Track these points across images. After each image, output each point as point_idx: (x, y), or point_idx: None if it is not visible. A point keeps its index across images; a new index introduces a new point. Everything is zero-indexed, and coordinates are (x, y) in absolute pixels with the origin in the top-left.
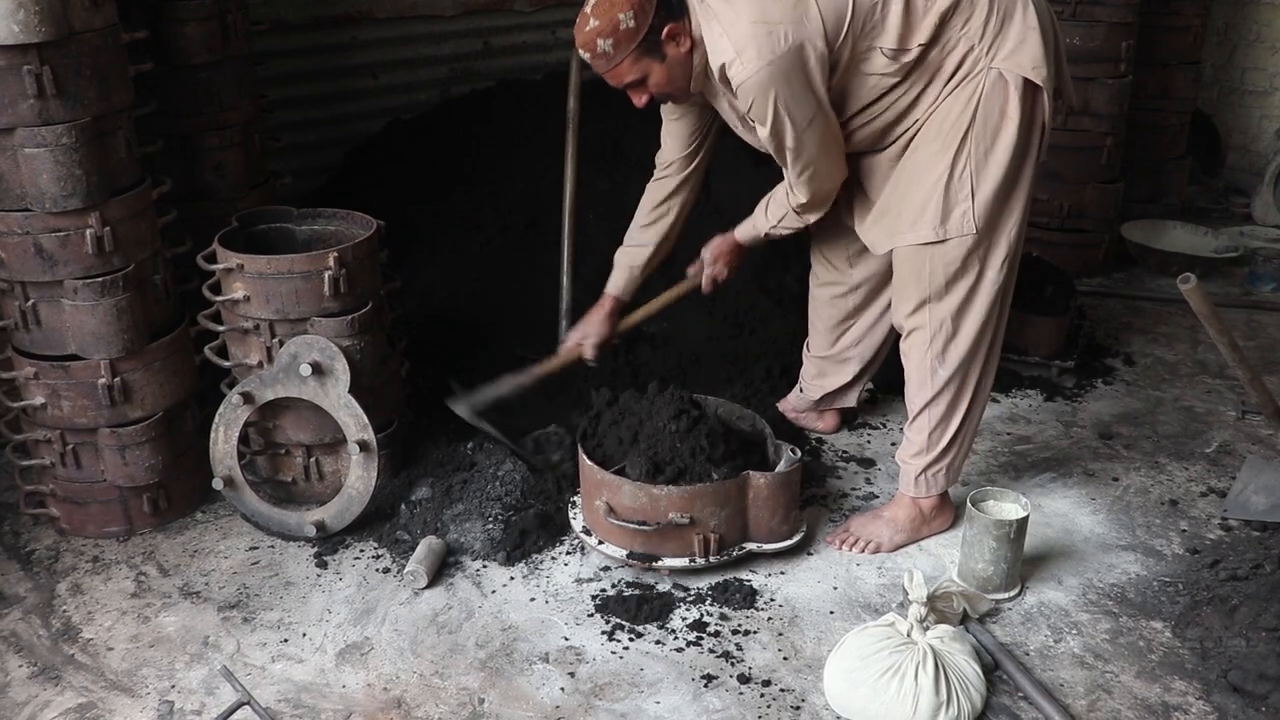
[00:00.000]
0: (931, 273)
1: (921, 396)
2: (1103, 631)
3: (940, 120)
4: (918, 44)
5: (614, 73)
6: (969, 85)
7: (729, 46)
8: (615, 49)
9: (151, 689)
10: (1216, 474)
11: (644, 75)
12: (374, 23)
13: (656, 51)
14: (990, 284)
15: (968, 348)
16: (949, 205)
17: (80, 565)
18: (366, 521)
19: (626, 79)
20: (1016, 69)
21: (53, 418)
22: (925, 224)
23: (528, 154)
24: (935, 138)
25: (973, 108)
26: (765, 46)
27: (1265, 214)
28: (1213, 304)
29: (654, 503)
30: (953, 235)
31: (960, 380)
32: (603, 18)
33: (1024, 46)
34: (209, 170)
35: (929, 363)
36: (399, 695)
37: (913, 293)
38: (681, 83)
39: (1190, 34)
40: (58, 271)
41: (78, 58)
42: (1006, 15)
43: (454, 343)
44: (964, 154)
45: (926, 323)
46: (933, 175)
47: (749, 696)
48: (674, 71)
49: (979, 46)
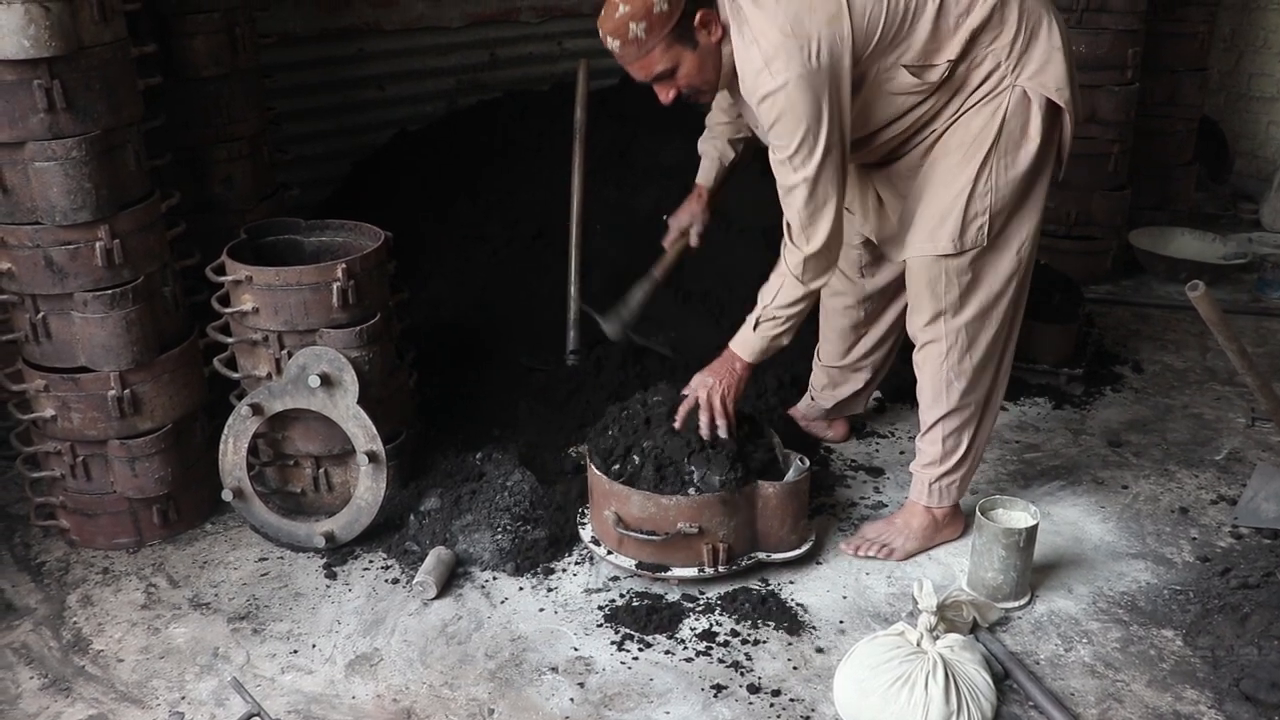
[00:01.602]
0: (947, 285)
1: (937, 409)
2: (1113, 640)
3: (962, 133)
4: (946, 60)
5: (644, 62)
6: (993, 101)
7: (758, 55)
8: (648, 33)
9: (162, 700)
10: (1227, 481)
11: (675, 65)
12: (381, 35)
13: (689, 39)
14: (1005, 297)
15: (982, 360)
16: (968, 219)
17: (90, 577)
18: (375, 532)
19: (656, 68)
20: (1040, 89)
21: (63, 430)
22: (944, 236)
23: (535, 164)
24: (957, 149)
25: (997, 124)
26: (796, 59)
27: (1273, 220)
28: (1221, 311)
29: (663, 512)
30: (969, 248)
31: (975, 392)
32: (635, 2)
33: (1049, 66)
34: (217, 182)
35: (944, 376)
36: (409, 706)
37: (928, 304)
38: (711, 75)
39: (1197, 41)
40: (67, 284)
41: (87, 72)
42: (1033, 33)
43: (462, 353)
44: (987, 169)
45: (942, 335)
46: (954, 188)
47: (759, 706)
48: (705, 62)
49: (1005, 63)
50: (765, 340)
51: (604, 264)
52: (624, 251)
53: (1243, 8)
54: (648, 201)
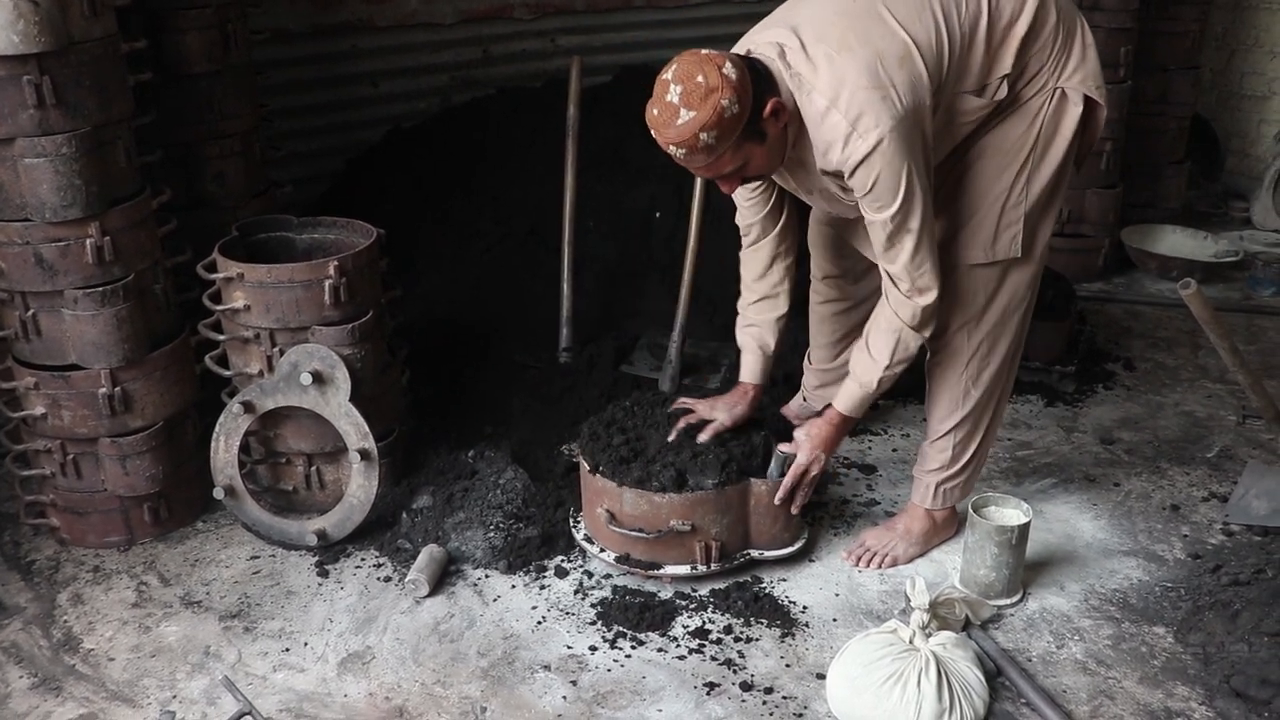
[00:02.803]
0: (974, 294)
1: (952, 416)
2: (1105, 637)
3: (1000, 139)
4: (1001, 74)
5: (713, 165)
6: (1033, 104)
7: (840, 120)
8: (719, 140)
9: (153, 699)
10: (1218, 479)
11: (745, 162)
12: (374, 31)
13: (758, 134)
14: (1024, 303)
15: (999, 367)
16: (1001, 227)
17: (81, 575)
18: (368, 530)
19: (725, 170)
20: (1080, 86)
21: (53, 428)
22: (977, 245)
23: (528, 161)
24: (994, 156)
25: (1037, 129)
26: (885, 112)
27: (1264, 218)
28: (1213, 308)
29: (655, 510)
30: (1000, 258)
31: (988, 398)
32: (701, 107)
33: (1085, 64)
34: (209, 179)
35: (963, 385)
36: (401, 704)
37: (953, 313)
38: (778, 161)
39: (1189, 39)
40: (58, 281)
41: (77, 68)
42: (1070, 32)
43: (455, 350)
44: (1022, 176)
45: (965, 345)
46: (990, 195)
47: (751, 704)
48: (774, 151)
49: (1048, 66)
50: (877, 395)
51: (597, 261)
52: (617, 249)
53: (1235, 6)
54: (641, 199)
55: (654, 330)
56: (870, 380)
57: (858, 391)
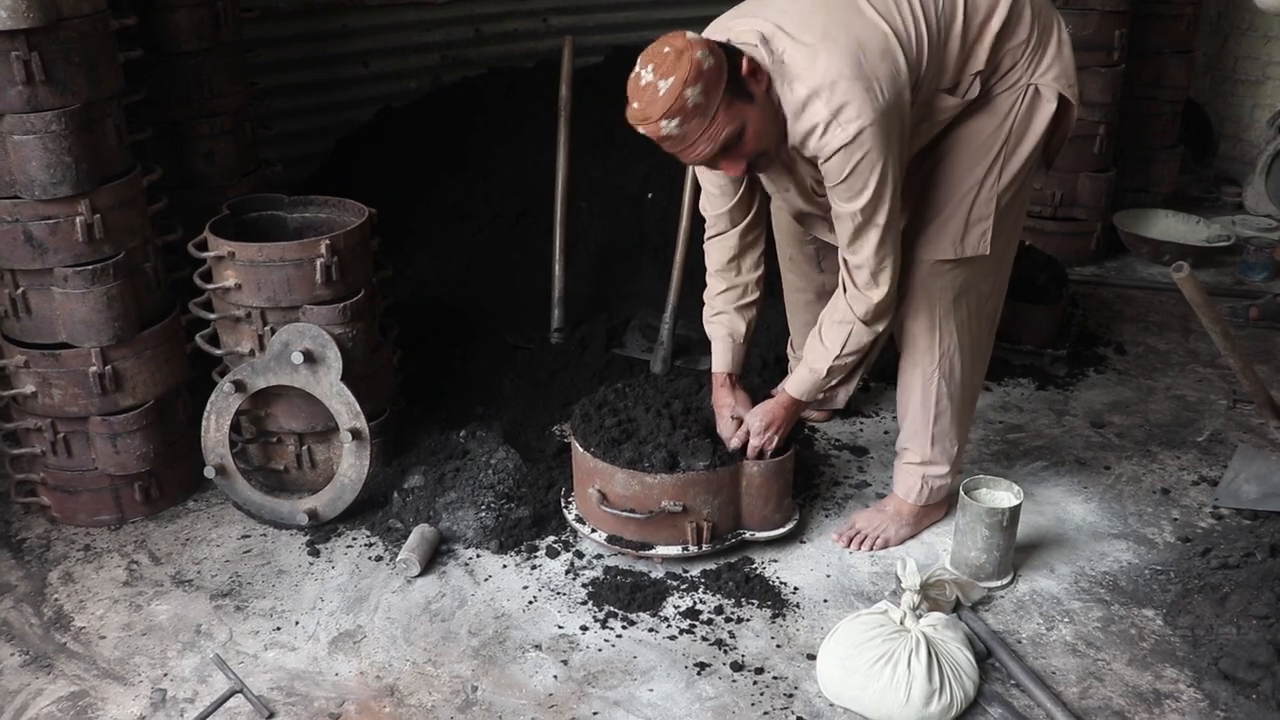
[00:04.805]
0: (941, 289)
1: (925, 411)
2: (1094, 619)
3: (972, 135)
4: (974, 71)
5: (711, 130)
6: (1005, 100)
7: (821, 107)
8: (707, 95)
9: (144, 677)
10: (1208, 462)
11: (742, 125)
12: (365, 10)
13: (744, 92)
14: (993, 296)
15: (971, 360)
16: (970, 223)
17: (72, 554)
18: (359, 509)
19: (725, 133)
20: (1055, 84)
21: (43, 406)
22: (945, 240)
23: (520, 142)
24: (965, 151)
25: (1009, 125)
26: (867, 104)
27: (1257, 203)
28: (1205, 292)
29: (646, 490)
30: (969, 254)
31: (961, 390)
32: (677, 68)
33: (1059, 61)
34: (199, 158)
35: (936, 381)
36: (392, 683)
37: (921, 308)
38: (774, 129)
39: (1183, 23)
40: (48, 259)
41: (66, 44)
42: (1045, 29)
43: (446, 330)
44: (993, 172)
45: (935, 342)
46: (959, 191)
47: (742, 684)
48: (766, 113)
49: (1022, 63)
50: (828, 383)
51: (589, 242)
52: (609, 230)
53: None
54: (633, 180)
55: (646, 311)
56: (820, 367)
57: (808, 376)
